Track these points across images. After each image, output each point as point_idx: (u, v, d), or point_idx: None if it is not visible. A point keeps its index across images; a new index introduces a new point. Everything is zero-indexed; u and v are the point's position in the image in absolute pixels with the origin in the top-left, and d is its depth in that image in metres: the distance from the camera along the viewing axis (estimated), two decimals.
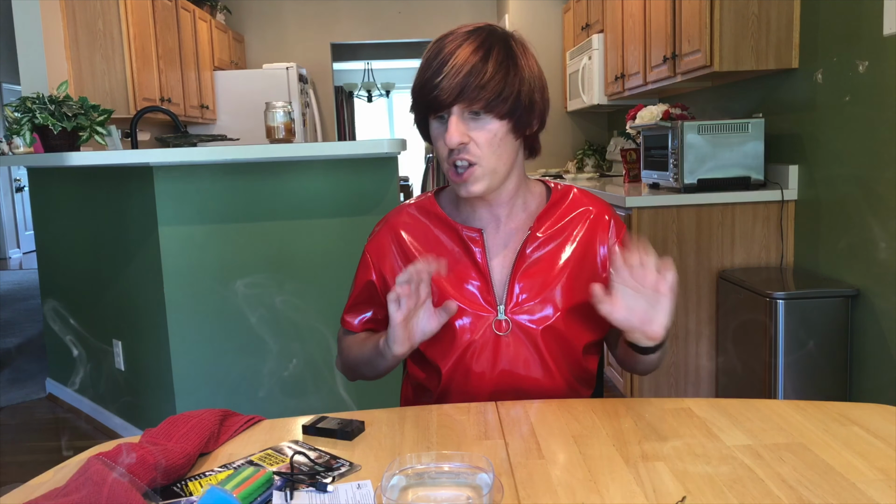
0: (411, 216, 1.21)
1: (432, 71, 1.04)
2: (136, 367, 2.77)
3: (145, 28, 4.42)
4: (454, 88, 1.02)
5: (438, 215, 1.19)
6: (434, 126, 1.09)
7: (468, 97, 1.03)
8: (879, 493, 0.75)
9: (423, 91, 1.06)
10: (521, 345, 1.13)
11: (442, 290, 1.14)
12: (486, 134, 1.06)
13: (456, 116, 1.04)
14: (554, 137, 5.49)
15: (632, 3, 3.61)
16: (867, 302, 2.25)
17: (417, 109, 1.11)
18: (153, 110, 3.53)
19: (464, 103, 1.03)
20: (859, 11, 2.21)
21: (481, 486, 0.76)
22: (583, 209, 1.19)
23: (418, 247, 1.18)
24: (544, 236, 1.16)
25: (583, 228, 1.18)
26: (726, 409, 0.99)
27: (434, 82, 1.04)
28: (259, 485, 0.79)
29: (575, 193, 1.21)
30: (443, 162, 1.09)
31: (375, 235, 1.23)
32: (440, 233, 1.18)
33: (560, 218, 1.18)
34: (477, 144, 1.06)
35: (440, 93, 1.03)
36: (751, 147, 2.67)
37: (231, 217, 2.47)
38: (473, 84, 1.02)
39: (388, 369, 1.14)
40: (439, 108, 1.05)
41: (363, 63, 9.09)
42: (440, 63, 1.04)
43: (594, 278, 1.16)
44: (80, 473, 0.78)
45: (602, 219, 1.19)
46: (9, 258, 8.14)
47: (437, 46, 1.07)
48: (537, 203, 1.19)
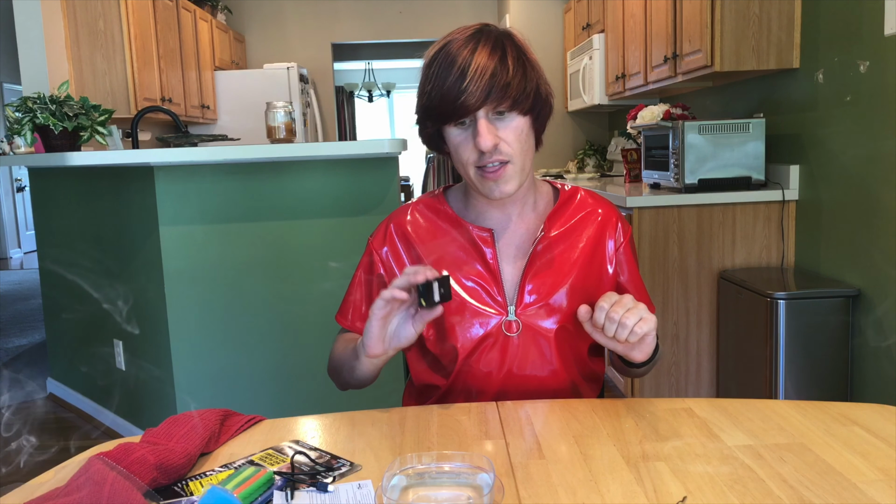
0: (419, 214, 1.20)
1: (454, 78, 1.02)
2: (136, 367, 2.77)
3: (146, 28, 4.42)
4: (482, 91, 1.02)
5: (448, 214, 1.18)
6: (454, 134, 1.07)
7: (495, 98, 1.02)
8: (880, 493, 0.75)
9: (445, 100, 1.03)
10: (529, 345, 1.13)
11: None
12: (514, 132, 1.06)
13: (484, 119, 1.03)
14: (555, 137, 5.49)
15: (633, 3, 3.61)
16: (868, 302, 2.25)
17: (436, 119, 1.07)
18: (154, 110, 3.53)
19: (491, 104, 1.03)
20: (860, 11, 2.21)
21: (482, 486, 0.76)
22: (591, 210, 1.19)
23: (426, 244, 1.17)
24: (555, 237, 1.16)
25: (591, 230, 1.18)
26: (727, 409, 0.99)
27: (460, 88, 1.02)
28: (260, 485, 0.79)
29: (582, 194, 1.21)
30: (468, 167, 1.07)
31: (381, 231, 1.21)
32: (450, 231, 1.17)
33: (569, 218, 1.18)
34: (507, 143, 1.05)
35: (468, 97, 1.02)
36: (752, 147, 2.67)
37: (232, 217, 2.47)
38: (499, 84, 1.02)
39: (364, 377, 1.10)
40: (466, 114, 1.03)
41: (364, 63, 9.09)
42: (461, 69, 1.02)
43: (602, 280, 1.17)
44: (81, 473, 0.78)
45: (610, 220, 1.19)
46: (10, 258, 8.14)
47: (445, 54, 1.05)
48: (545, 203, 1.19)
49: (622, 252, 1.19)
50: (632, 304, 0.98)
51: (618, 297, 0.99)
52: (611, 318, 0.97)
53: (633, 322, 0.96)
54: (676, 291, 2.69)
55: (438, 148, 1.14)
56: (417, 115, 1.11)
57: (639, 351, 1.02)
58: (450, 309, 1.12)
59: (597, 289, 1.16)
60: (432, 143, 1.14)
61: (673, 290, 2.69)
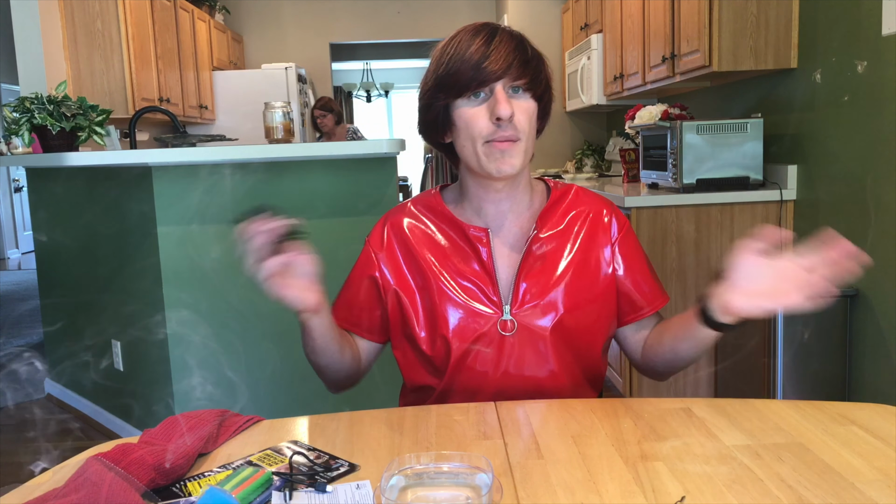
0: (415, 213, 1.20)
1: (478, 45, 1.03)
2: (134, 368, 2.77)
3: (144, 28, 4.41)
4: (505, 60, 1.03)
5: (444, 213, 1.18)
6: (464, 107, 1.06)
7: (516, 69, 1.04)
8: (879, 493, 0.75)
9: (467, 65, 1.03)
10: (525, 345, 1.12)
11: (447, 290, 1.13)
12: (526, 112, 1.06)
13: (502, 90, 1.04)
14: (553, 137, 5.50)
15: (631, 4, 3.61)
16: (866, 302, 2.25)
17: (452, 88, 1.05)
18: (152, 110, 3.53)
19: (511, 76, 1.04)
20: (858, 11, 2.21)
21: (480, 486, 0.76)
22: (583, 207, 1.19)
23: (422, 243, 1.17)
24: (548, 235, 1.15)
25: (584, 227, 1.17)
26: (725, 409, 0.99)
27: (485, 53, 1.03)
28: (258, 485, 0.79)
29: (575, 191, 1.21)
30: (476, 142, 1.06)
31: (378, 231, 1.21)
32: (445, 230, 1.17)
33: (562, 216, 1.17)
34: (519, 120, 1.05)
35: (491, 63, 1.02)
36: (749, 147, 2.67)
37: (230, 217, 2.46)
38: (521, 58, 1.04)
39: (324, 352, 1.09)
40: (487, 81, 1.03)
41: (362, 63, 9.10)
42: (485, 39, 1.04)
43: (596, 278, 1.16)
44: (79, 474, 0.78)
45: (601, 217, 1.19)
46: (7, 258, 8.13)
47: (465, 32, 1.07)
48: (540, 201, 1.19)
49: (618, 246, 1.18)
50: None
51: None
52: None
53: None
54: (675, 291, 2.69)
55: (438, 135, 1.13)
56: (427, 91, 1.09)
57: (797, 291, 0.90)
58: (444, 308, 1.13)
59: (591, 287, 1.15)
60: (433, 129, 1.12)
61: (671, 290, 2.69)
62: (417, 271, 1.16)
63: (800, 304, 0.88)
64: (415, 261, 1.16)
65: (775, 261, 0.92)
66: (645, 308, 1.19)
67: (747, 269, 0.94)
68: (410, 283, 1.16)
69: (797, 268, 0.89)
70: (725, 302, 0.96)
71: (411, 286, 1.16)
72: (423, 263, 1.15)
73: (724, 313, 0.97)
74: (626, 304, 1.19)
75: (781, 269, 0.91)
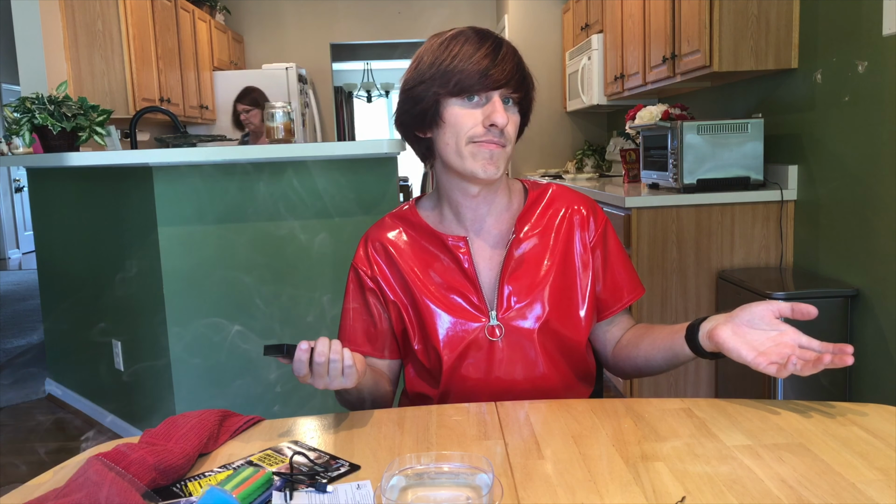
0: (394, 228, 1.20)
1: (487, 51, 1.05)
2: (135, 368, 2.77)
3: (145, 28, 4.42)
4: (509, 72, 1.06)
5: (422, 225, 1.18)
6: (457, 105, 1.07)
7: (515, 82, 1.07)
8: (879, 493, 0.75)
9: (475, 67, 1.04)
10: (515, 349, 1.13)
11: (431, 301, 1.14)
12: (513, 123, 1.10)
13: (499, 98, 1.06)
14: (553, 138, 5.50)
15: (631, 4, 3.61)
16: (867, 302, 2.25)
17: (450, 87, 1.05)
18: (152, 110, 3.53)
19: (510, 87, 1.06)
20: (859, 11, 2.21)
21: (481, 486, 0.76)
22: (560, 206, 1.19)
23: (405, 257, 1.17)
24: (527, 237, 1.16)
25: (562, 225, 1.18)
26: (726, 409, 0.99)
27: (493, 60, 1.05)
28: (258, 485, 0.79)
29: (553, 191, 1.21)
30: (462, 140, 1.07)
31: (361, 251, 1.21)
32: (425, 243, 1.17)
33: (541, 217, 1.18)
34: (509, 128, 1.08)
35: (498, 72, 1.05)
36: (750, 147, 2.67)
37: (230, 217, 2.47)
38: (521, 73, 1.08)
39: (360, 399, 1.12)
40: (489, 87, 1.05)
41: (363, 63, 9.10)
42: (493, 47, 1.06)
43: (577, 275, 1.17)
44: (80, 474, 0.78)
45: (579, 214, 1.19)
46: (8, 258, 8.13)
47: (471, 32, 1.08)
48: (518, 202, 1.20)
49: (596, 244, 1.18)
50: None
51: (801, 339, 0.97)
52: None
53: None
54: (675, 292, 2.69)
55: (420, 128, 1.12)
56: (422, 83, 1.08)
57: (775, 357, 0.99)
58: (432, 320, 1.13)
59: (572, 286, 1.16)
60: (418, 121, 1.11)
61: (671, 290, 2.69)
62: (404, 286, 1.17)
63: (772, 372, 0.95)
64: (400, 275, 1.17)
65: (781, 325, 0.99)
66: (620, 302, 1.21)
67: (754, 316, 1.00)
68: (402, 297, 1.17)
69: (793, 344, 0.96)
70: (714, 328, 1.01)
71: (403, 300, 1.17)
72: (407, 277, 1.16)
73: (707, 337, 1.03)
74: (603, 299, 1.20)
75: (780, 336, 0.98)
